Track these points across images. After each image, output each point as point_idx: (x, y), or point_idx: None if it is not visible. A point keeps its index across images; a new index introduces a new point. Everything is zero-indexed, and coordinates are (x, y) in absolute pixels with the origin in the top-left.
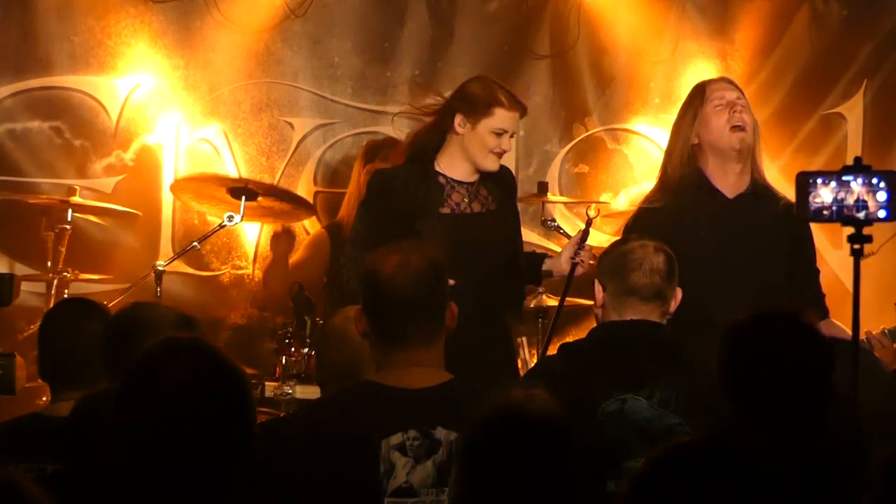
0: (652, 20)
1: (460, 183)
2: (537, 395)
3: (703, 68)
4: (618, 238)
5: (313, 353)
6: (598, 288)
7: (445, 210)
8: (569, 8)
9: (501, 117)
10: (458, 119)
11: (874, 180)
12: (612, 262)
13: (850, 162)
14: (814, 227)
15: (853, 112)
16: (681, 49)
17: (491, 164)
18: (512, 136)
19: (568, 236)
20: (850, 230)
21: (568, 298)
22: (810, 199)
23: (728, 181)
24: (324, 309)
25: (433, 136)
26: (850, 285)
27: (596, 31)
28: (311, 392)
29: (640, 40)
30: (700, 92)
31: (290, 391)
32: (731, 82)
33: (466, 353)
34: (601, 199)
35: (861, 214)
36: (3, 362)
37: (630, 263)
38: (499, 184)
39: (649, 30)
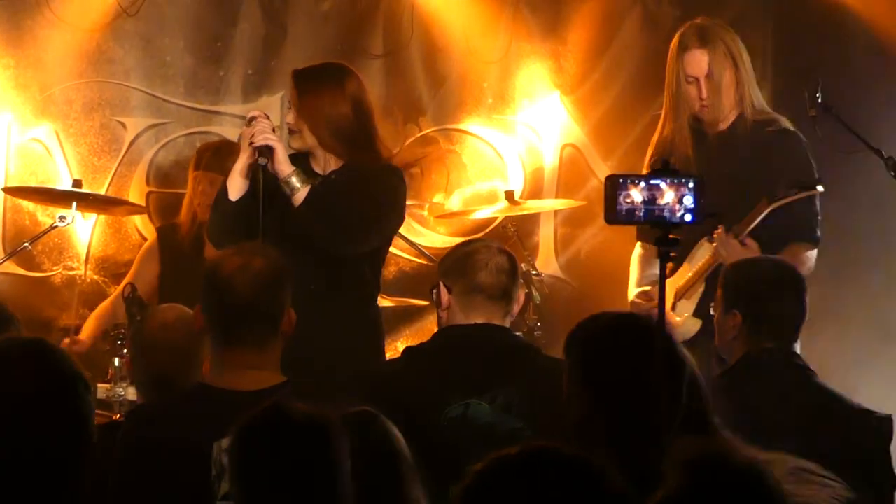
0: (485, 20)
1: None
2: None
3: (536, 69)
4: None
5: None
6: (442, 290)
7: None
8: (402, 7)
9: None
10: None
11: (681, 183)
12: (457, 262)
13: None
14: None
15: None
16: (514, 49)
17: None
18: (294, 110)
19: (402, 237)
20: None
21: (400, 299)
22: (621, 199)
23: None
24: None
25: None
26: None
27: (429, 30)
28: None
29: (473, 40)
30: None
31: (123, 392)
32: None
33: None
34: (434, 200)
35: (668, 217)
36: None
37: (476, 263)
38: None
39: (482, 30)
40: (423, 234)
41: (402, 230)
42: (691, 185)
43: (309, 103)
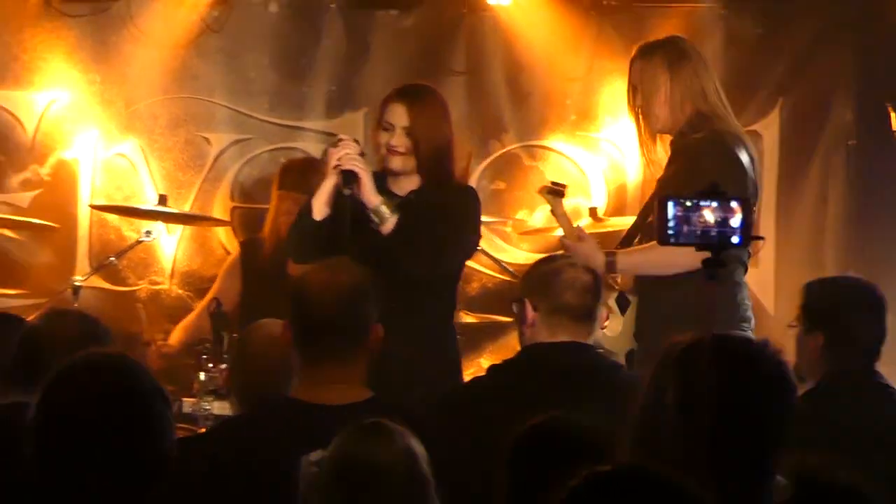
0: (568, 37)
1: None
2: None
3: (619, 86)
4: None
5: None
6: (528, 307)
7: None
8: (485, 24)
9: (385, 110)
10: None
11: (729, 205)
12: (543, 280)
13: (770, 179)
14: None
15: (769, 130)
16: (597, 66)
17: (388, 164)
18: (404, 132)
19: (485, 253)
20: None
21: (483, 315)
22: (672, 221)
23: None
24: (238, 324)
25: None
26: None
27: (512, 47)
28: (228, 408)
29: (556, 57)
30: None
31: (209, 407)
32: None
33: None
34: (518, 216)
35: (717, 238)
36: None
37: (562, 283)
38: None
39: (566, 47)
40: (505, 250)
41: (485, 246)
42: (738, 206)
43: (424, 126)
